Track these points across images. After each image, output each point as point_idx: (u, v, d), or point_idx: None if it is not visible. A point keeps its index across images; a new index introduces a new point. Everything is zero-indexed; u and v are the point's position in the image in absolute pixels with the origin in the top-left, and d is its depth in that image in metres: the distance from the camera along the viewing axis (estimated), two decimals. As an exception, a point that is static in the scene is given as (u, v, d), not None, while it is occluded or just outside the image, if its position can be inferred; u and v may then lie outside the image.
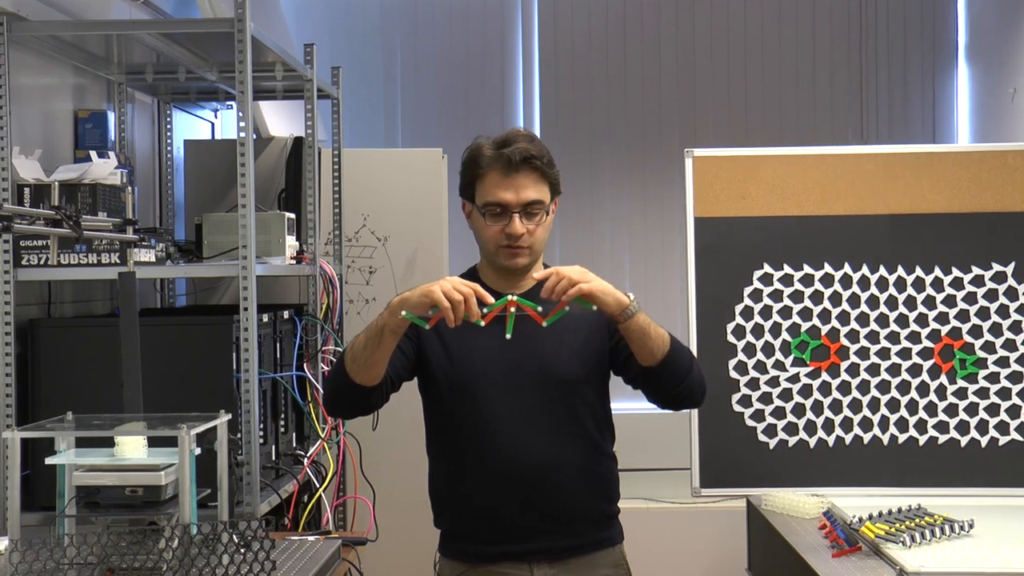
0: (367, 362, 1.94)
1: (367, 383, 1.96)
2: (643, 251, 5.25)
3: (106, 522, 2.07)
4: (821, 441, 3.09)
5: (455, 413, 2.08)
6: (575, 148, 5.26)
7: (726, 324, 3.11)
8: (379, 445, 3.62)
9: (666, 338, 1.99)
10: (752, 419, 3.10)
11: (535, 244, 2.06)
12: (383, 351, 1.93)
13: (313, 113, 3.37)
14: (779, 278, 3.14)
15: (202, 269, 2.85)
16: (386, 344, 1.92)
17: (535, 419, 2.05)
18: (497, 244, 2.05)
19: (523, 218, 2.02)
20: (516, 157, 2.01)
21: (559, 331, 2.05)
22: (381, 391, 2.01)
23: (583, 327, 2.08)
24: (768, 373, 3.11)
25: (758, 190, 3.12)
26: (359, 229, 3.91)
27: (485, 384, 2.05)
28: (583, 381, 2.08)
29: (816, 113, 5.27)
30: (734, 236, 3.12)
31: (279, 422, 3.04)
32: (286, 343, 3.10)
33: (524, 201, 2.02)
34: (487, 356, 2.06)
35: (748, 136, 5.20)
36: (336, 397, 2.02)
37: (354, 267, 3.90)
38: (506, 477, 2.04)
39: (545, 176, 2.05)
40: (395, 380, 2.05)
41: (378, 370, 1.96)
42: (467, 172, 2.07)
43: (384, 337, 1.91)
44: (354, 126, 5.06)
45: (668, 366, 1.99)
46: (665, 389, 2.04)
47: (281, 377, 3.03)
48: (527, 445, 2.04)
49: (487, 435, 2.05)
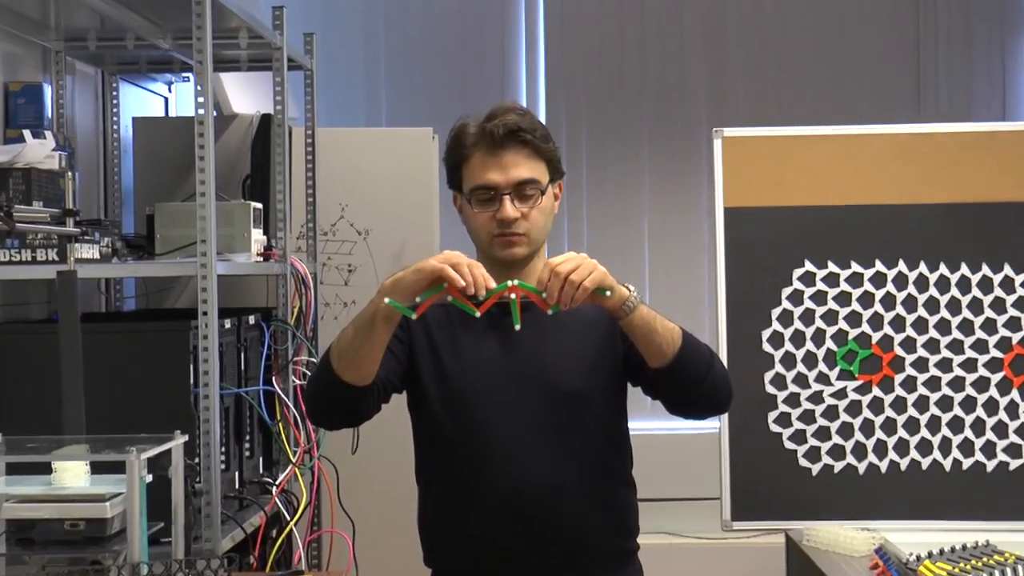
0: (357, 356, 1.94)
1: (358, 382, 1.96)
2: (664, 248, 5.25)
3: (42, 561, 2.06)
4: (872, 466, 3.09)
5: (448, 432, 2.09)
6: (586, 129, 5.25)
7: (761, 331, 3.12)
8: (359, 470, 3.61)
9: (676, 332, 1.99)
10: (792, 441, 3.10)
11: (532, 230, 2.06)
12: (375, 342, 1.93)
13: (283, 87, 3.37)
14: (823, 277, 3.13)
15: (154, 268, 2.85)
16: (378, 334, 1.92)
17: (539, 439, 2.06)
18: (490, 234, 2.06)
19: (515, 200, 2.03)
20: (500, 131, 2.03)
21: (565, 336, 2.08)
22: (373, 395, 2.01)
23: (592, 330, 2.10)
24: (810, 388, 3.11)
25: (797, 175, 3.13)
26: (336, 221, 3.91)
27: (482, 398, 2.06)
28: (594, 394, 2.09)
29: (864, 87, 5.27)
30: (770, 229, 3.12)
31: (243, 445, 3.03)
32: (252, 353, 3.10)
33: (514, 180, 2.03)
34: (484, 366, 2.07)
35: (785, 114, 5.19)
36: (321, 400, 2.02)
37: (331, 265, 3.90)
38: (506, 507, 2.05)
39: (538, 152, 2.06)
40: (386, 387, 2.05)
41: (370, 366, 1.96)
42: (452, 156, 2.10)
43: (376, 325, 1.90)
44: (330, 102, 5.05)
45: (682, 364, 1.99)
46: (682, 393, 2.04)
47: (246, 393, 3.02)
48: (531, 469, 2.05)
49: (485, 458, 2.06)
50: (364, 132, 4.27)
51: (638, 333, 1.96)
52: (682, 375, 2.00)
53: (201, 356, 2.62)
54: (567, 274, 1.86)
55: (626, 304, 1.93)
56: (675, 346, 1.98)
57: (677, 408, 2.09)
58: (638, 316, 1.94)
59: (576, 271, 1.87)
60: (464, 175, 2.07)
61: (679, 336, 1.99)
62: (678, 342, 1.98)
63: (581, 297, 1.87)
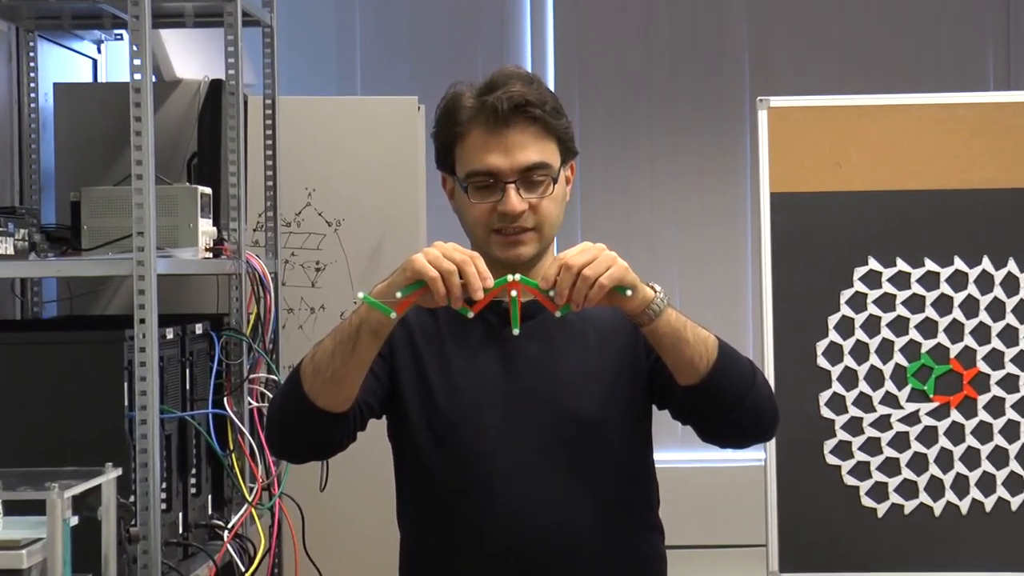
0: (336, 376, 1.93)
1: (334, 407, 1.96)
2: (697, 242, 5.26)
3: (-56, 621, 2.05)
4: (951, 507, 3.09)
5: (436, 468, 2.09)
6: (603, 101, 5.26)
7: (815, 343, 3.12)
8: (329, 511, 3.60)
9: (711, 342, 1.99)
10: (853, 475, 3.11)
11: (542, 224, 2.06)
12: (359, 360, 1.93)
13: (237, 47, 3.36)
14: (890, 278, 3.14)
15: (80, 266, 2.84)
16: (363, 350, 1.92)
17: (547, 476, 2.06)
18: (488, 228, 2.06)
19: (521, 189, 2.03)
20: (504, 105, 2.02)
21: (577, 349, 2.08)
22: (349, 422, 2.02)
23: (611, 341, 2.10)
24: (875, 411, 3.11)
25: (860, 154, 3.14)
26: (302, 209, 3.91)
27: (477, 427, 2.07)
28: (613, 420, 2.09)
29: (941, 49, 5.27)
30: (826, 219, 3.13)
31: (189, 480, 3.02)
32: (199, 369, 3.10)
33: (520, 166, 2.03)
34: (479, 387, 2.08)
35: (843, 80, 5.21)
36: (286, 427, 2.03)
37: (295, 262, 3.90)
38: (507, 558, 2.05)
39: (549, 129, 2.06)
40: (364, 411, 2.06)
41: (350, 388, 1.96)
42: (443, 133, 2.10)
43: (361, 339, 1.90)
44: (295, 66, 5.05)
45: (718, 381, 1.98)
46: (718, 416, 2.03)
47: (192, 417, 3.02)
48: (537, 513, 2.05)
49: (481, 499, 2.06)
50: (335, 102, 4.26)
51: (665, 343, 1.95)
52: (718, 394, 2.00)
53: (137, 373, 2.62)
54: (580, 268, 1.85)
55: (651, 307, 1.92)
56: (710, 359, 1.97)
57: (712, 435, 2.09)
58: (665, 322, 1.93)
59: (591, 265, 1.86)
60: (458, 156, 2.07)
61: (714, 347, 1.99)
62: (713, 354, 1.98)
63: (596, 296, 1.86)
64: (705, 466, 4.74)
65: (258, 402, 3.32)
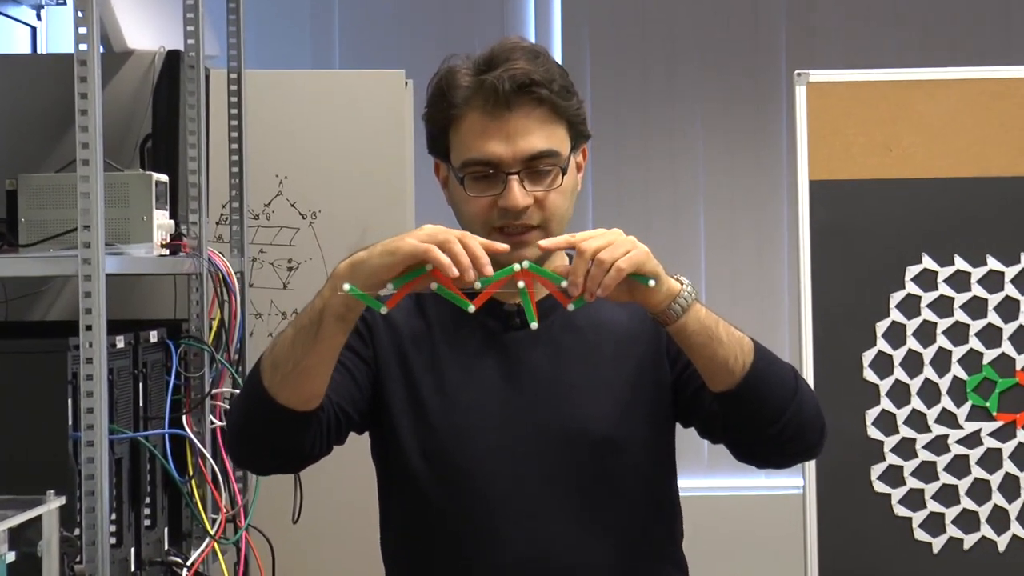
0: (298, 368, 1.93)
1: (298, 404, 1.96)
2: (726, 239, 5.26)
3: None
4: (1017, 541, 3.10)
5: (428, 495, 2.09)
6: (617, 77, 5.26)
7: (861, 353, 3.13)
8: (303, 545, 3.61)
9: (746, 343, 2.00)
10: (904, 505, 3.11)
11: (549, 221, 2.06)
12: (323, 350, 1.92)
13: (197, 13, 3.37)
14: (947, 278, 3.15)
15: (17, 264, 2.82)
16: (328, 338, 1.91)
17: (556, 505, 2.07)
18: (488, 226, 2.06)
19: (525, 181, 2.04)
20: (506, 85, 2.03)
21: (590, 357, 2.08)
22: (321, 427, 2.01)
23: (629, 348, 2.11)
24: (930, 431, 3.12)
25: (913, 136, 3.14)
26: (272, 199, 3.91)
27: (477, 447, 2.07)
28: (632, 439, 2.09)
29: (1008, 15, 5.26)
30: (874, 211, 3.14)
31: (142, 510, 3.02)
32: (154, 383, 3.10)
33: (524, 154, 2.04)
34: (478, 401, 2.08)
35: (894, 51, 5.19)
36: (247, 429, 2.03)
37: (264, 260, 3.91)
38: (511, 596, 2.06)
39: (557, 112, 2.06)
40: (340, 418, 2.05)
41: (315, 382, 1.96)
42: (436, 115, 2.10)
43: (325, 325, 1.90)
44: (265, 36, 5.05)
45: (755, 387, 1.98)
46: (755, 429, 2.03)
47: (146, 438, 3.02)
48: (544, 547, 2.05)
49: (480, 532, 2.06)
50: (310, 76, 4.27)
51: (695, 342, 1.95)
52: (756, 403, 2.00)
53: (83, 387, 2.61)
54: (595, 252, 1.86)
55: (676, 301, 1.92)
56: (746, 361, 1.98)
57: (749, 453, 2.09)
58: (694, 319, 1.94)
59: (607, 248, 1.86)
60: (453, 142, 2.08)
61: (750, 348, 1.99)
62: (749, 356, 1.98)
63: (613, 284, 1.85)
64: (735, 494, 4.70)
65: (221, 421, 3.32)
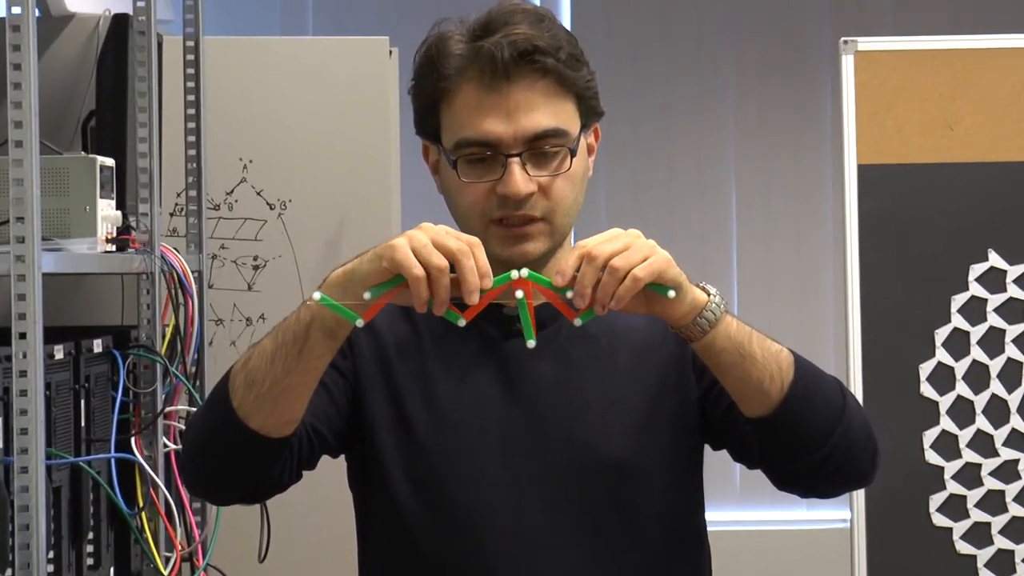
0: (275, 389, 1.93)
1: (272, 431, 1.96)
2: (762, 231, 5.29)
3: None
4: (1100, 582, 3.13)
5: (416, 530, 2.09)
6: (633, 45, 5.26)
7: (918, 365, 3.15)
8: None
9: (784, 358, 1.99)
10: (968, 541, 3.13)
11: (555, 212, 2.07)
12: (308, 370, 1.93)
13: (148, -30, 3.39)
14: (1017, 277, 3.18)
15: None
16: (314, 356, 1.91)
17: (563, 541, 2.07)
18: (485, 217, 2.07)
19: (528, 164, 2.05)
20: (505, 52, 2.04)
21: (603, 371, 2.09)
22: (292, 454, 2.01)
23: (648, 361, 2.11)
24: (998, 456, 3.14)
25: (978, 113, 3.16)
26: (235, 187, 3.93)
27: (472, 474, 2.07)
28: (652, 466, 2.10)
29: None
30: (932, 201, 3.17)
31: (84, 547, 3.04)
32: (98, 400, 3.10)
33: (527, 133, 2.05)
34: (474, 420, 2.08)
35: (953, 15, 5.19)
36: (208, 457, 2.03)
37: (226, 257, 3.92)
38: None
39: (566, 84, 2.07)
40: (315, 442, 2.05)
41: (293, 406, 1.96)
42: (424, 88, 2.11)
43: (311, 341, 1.90)
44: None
45: (797, 410, 1.98)
46: (799, 458, 2.02)
47: (89, 464, 3.02)
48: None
49: (475, 570, 2.07)
50: (279, 44, 4.31)
51: (724, 361, 1.95)
52: (797, 428, 1.99)
53: (16, 404, 2.62)
54: (607, 258, 1.84)
55: (703, 315, 1.91)
56: (784, 380, 1.97)
57: (789, 480, 2.08)
58: (723, 334, 1.93)
59: (622, 254, 1.85)
60: (445, 120, 2.09)
61: (789, 364, 1.98)
62: (789, 374, 1.97)
63: (628, 296, 1.84)
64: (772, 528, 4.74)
65: (176, 444, 3.32)
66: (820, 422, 1.99)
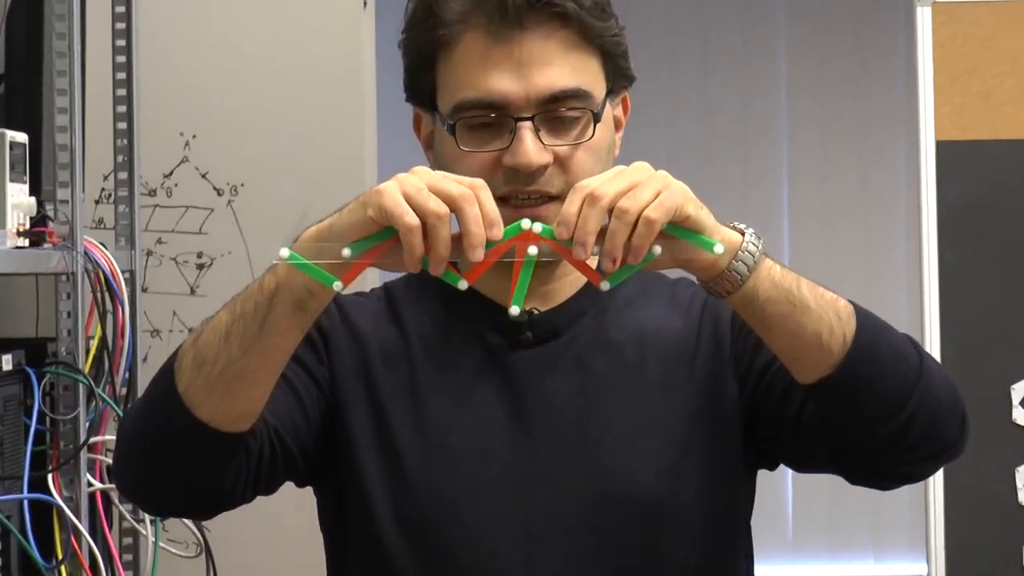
0: (230, 371, 1.94)
1: (224, 423, 1.97)
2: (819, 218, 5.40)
3: None
4: None
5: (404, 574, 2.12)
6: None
7: (1010, 385, 3.21)
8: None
9: (843, 308, 2.00)
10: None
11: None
12: (270, 348, 1.94)
13: (67, -98, 3.44)
14: None
15: None
16: (278, 332, 1.92)
17: None
18: None
19: (542, 131, 2.08)
20: None
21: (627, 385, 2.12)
22: (248, 457, 2.02)
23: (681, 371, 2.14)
24: (1109, 495, 3.23)
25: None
26: (175, 167, 3.99)
27: (472, 514, 2.10)
28: (687, 500, 2.13)
29: None
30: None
31: (-8, 602, 3.12)
32: (7, 428, 3.18)
33: (542, 92, 2.08)
34: (475, 447, 2.11)
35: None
36: (147, 454, 2.03)
37: (164, 254, 3.98)
38: None
39: (589, 37, 2.11)
40: (276, 448, 2.06)
41: (250, 394, 1.97)
42: (419, 38, 2.14)
43: (275, 314, 1.91)
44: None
45: (863, 369, 1.98)
46: (870, 431, 2.02)
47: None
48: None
49: None
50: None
51: (771, 313, 1.94)
52: (865, 390, 1.99)
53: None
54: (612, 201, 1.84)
55: (739, 258, 1.91)
56: (846, 332, 1.97)
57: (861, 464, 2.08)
58: (766, 280, 1.92)
59: (629, 194, 1.84)
60: (442, 78, 2.12)
61: (850, 313, 1.99)
62: (850, 324, 1.98)
63: (644, 246, 1.84)
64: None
65: (103, 483, 3.37)
66: (894, 379, 1.99)
